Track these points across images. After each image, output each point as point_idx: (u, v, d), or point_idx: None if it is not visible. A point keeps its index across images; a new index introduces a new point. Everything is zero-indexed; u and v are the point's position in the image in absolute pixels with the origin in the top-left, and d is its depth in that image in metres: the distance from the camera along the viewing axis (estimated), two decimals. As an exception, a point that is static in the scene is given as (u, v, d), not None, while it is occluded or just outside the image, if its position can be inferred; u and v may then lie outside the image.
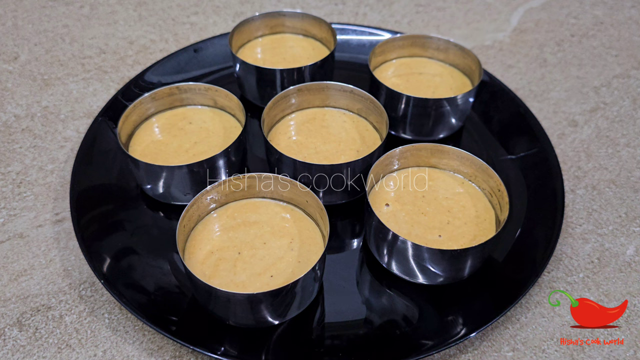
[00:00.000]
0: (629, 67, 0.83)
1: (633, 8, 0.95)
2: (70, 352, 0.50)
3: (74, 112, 0.73)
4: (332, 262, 0.55)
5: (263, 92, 0.68)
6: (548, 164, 0.63)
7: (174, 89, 0.63)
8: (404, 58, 0.72)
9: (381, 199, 0.55)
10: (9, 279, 0.55)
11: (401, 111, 0.64)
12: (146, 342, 0.51)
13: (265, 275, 0.49)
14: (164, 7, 0.93)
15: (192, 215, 0.52)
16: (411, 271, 0.51)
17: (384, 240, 0.51)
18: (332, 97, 0.64)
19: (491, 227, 0.53)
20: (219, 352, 0.47)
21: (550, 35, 0.89)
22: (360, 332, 0.50)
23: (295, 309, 0.49)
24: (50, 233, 0.59)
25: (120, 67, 0.81)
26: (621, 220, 0.62)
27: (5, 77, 0.79)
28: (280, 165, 0.57)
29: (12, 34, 0.86)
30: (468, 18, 0.92)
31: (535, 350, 0.51)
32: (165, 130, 0.62)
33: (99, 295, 0.54)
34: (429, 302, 0.52)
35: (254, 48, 0.74)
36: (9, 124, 0.72)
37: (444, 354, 0.50)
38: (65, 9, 0.92)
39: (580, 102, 0.77)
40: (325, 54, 0.72)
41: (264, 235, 0.52)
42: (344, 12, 0.93)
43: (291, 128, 0.63)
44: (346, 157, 0.59)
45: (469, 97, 0.64)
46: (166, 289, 0.53)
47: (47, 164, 0.67)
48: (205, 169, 0.56)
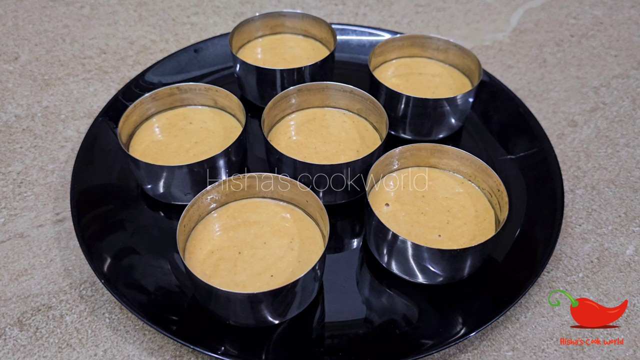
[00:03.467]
0: (628, 67, 0.83)
1: (633, 8, 0.95)
2: (70, 352, 0.50)
3: (74, 112, 0.74)
4: (332, 262, 0.55)
5: (263, 92, 0.68)
6: (547, 164, 0.63)
7: (174, 89, 0.63)
8: (403, 58, 0.72)
9: (381, 199, 0.56)
10: (9, 278, 0.55)
11: (401, 111, 0.64)
12: (146, 342, 0.51)
13: (266, 275, 0.49)
14: (164, 7, 0.93)
15: (193, 215, 0.52)
16: (411, 271, 0.51)
17: (383, 240, 0.51)
18: (332, 97, 0.65)
19: (491, 227, 0.53)
20: (219, 351, 0.47)
21: (549, 35, 0.89)
22: (360, 331, 0.50)
23: (295, 308, 0.49)
24: (51, 233, 0.59)
25: (121, 67, 0.81)
26: (620, 220, 0.62)
27: (6, 77, 0.79)
28: (281, 165, 0.57)
29: (13, 34, 0.86)
30: (468, 18, 0.92)
31: (535, 350, 0.51)
32: (165, 130, 0.62)
33: (100, 295, 0.54)
34: (429, 302, 0.52)
35: (254, 48, 0.74)
36: (10, 124, 0.72)
37: (443, 353, 0.51)
38: (66, 9, 0.92)
39: (579, 102, 0.77)
40: (325, 54, 0.72)
41: (264, 235, 0.52)
42: (344, 13, 0.93)
43: (291, 128, 0.63)
44: (346, 157, 0.59)
45: (468, 97, 0.64)
46: (166, 288, 0.53)
47: (47, 164, 0.67)
48: (206, 169, 0.56)
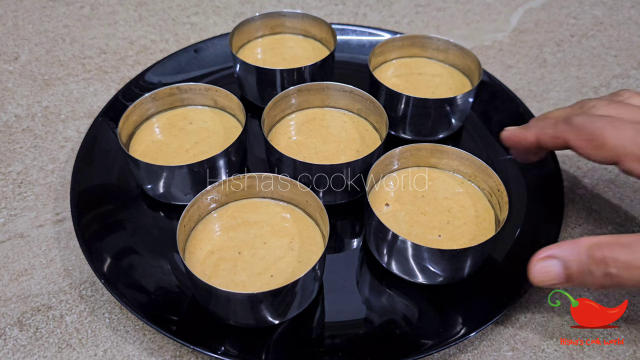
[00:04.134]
0: (628, 68, 0.83)
1: (633, 8, 0.95)
2: (70, 352, 0.50)
3: (74, 112, 0.74)
4: (332, 262, 0.55)
5: (263, 92, 0.68)
6: (547, 164, 0.63)
7: (174, 89, 0.63)
8: (403, 58, 0.72)
9: (381, 199, 0.56)
10: (9, 278, 0.55)
11: (401, 111, 0.64)
12: (146, 342, 0.51)
13: (266, 275, 0.49)
14: (164, 7, 0.93)
15: (193, 215, 0.52)
16: (411, 271, 0.51)
17: (383, 240, 0.51)
18: (332, 97, 0.65)
19: (491, 227, 0.53)
20: (219, 351, 0.47)
21: (549, 35, 0.89)
22: (361, 331, 0.50)
23: (296, 308, 0.49)
24: (51, 233, 0.59)
25: (121, 67, 0.81)
26: (621, 220, 0.62)
27: (6, 77, 0.79)
28: (281, 165, 0.57)
29: (13, 34, 0.86)
30: (468, 18, 0.92)
31: (535, 350, 0.51)
32: (165, 131, 0.62)
33: (100, 295, 0.54)
34: (429, 302, 0.52)
35: (254, 48, 0.74)
36: (10, 124, 0.72)
37: (443, 353, 0.51)
38: (66, 9, 0.92)
39: (579, 103, 0.77)
40: (325, 54, 0.72)
41: (264, 235, 0.52)
42: (344, 13, 0.93)
43: (291, 128, 0.63)
44: (346, 157, 0.59)
45: (468, 97, 0.64)
46: (166, 288, 0.53)
47: (47, 164, 0.67)
48: (206, 169, 0.56)
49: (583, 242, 0.45)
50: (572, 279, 0.45)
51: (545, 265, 0.46)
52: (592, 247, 0.44)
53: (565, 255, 0.45)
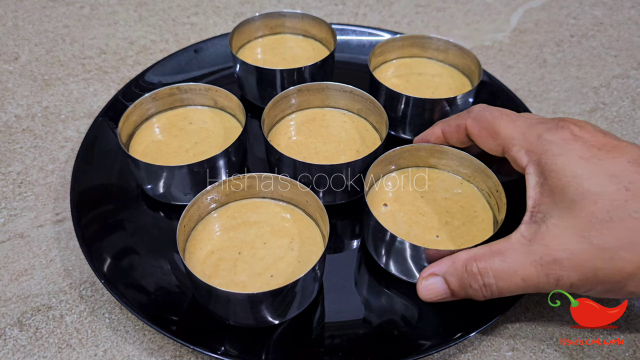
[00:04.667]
0: (628, 68, 0.83)
1: (633, 8, 0.95)
2: (70, 352, 0.50)
3: (74, 112, 0.74)
4: (332, 262, 0.55)
5: (263, 93, 0.68)
6: (547, 164, 0.62)
7: (174, 89, 0.63)
8: (403, 58, 0.72)
9: (380, 199, 0.56)
10: (9, 278, 0.55)
11: (401, 111, 0.64)
12: (146, 342, 0.51)
13: (266, 275, 0.49)
14: (164, 7, 0.93)
15: (193, 215, 0.52)
16: (409, 271, 0.51)
17: (382, 241, 0.51)
18: (332, 97, 0.65)
19: (489, 228, 0.53)
20: (219, 351, 0.47)
21: (549, 35, 0.89)
22: (361, 331, 0.51)
23: (295, 308, 0.49)
24: (51, 233, 0.59)
25: (121, 68, 0.81)
26: (620, 220, 0.62)
27: (6, 77, 0.79)
28: (281, 165, 0.57)
29: (13, 34, 0.86)
30: (468, 18, 0.92)
31: (535, 350, 0.51)
32: (165, 131, 0.62)
33: (100, 295, 0.54)
34: (429, 302, 0.52)
35: (254, 48, 0.74)
36: (10, 124, 0.72)
37: (443, 353, 0.51)
38: (66, 9, 0.92)
39: (579, 103, 0.77)
40: (325, 54, 0.72)
41: (264, 235, 0.52)
42: (344, 13, 0.93)
43: (291, 128, 0.63)
44: (346, 157, 0.59)
45: (468, 97, 0.64)
46: (166, 288, 0.53)
47: (47, 164, 0.67)
48: (206, 169, 0.56)
49: (459, 257, 0.47)
50: (456, 294, 0.48)
51: (429, 283, 0.48)
52: (467, 261, 0.46)
53: (445, 272, 0.47)
